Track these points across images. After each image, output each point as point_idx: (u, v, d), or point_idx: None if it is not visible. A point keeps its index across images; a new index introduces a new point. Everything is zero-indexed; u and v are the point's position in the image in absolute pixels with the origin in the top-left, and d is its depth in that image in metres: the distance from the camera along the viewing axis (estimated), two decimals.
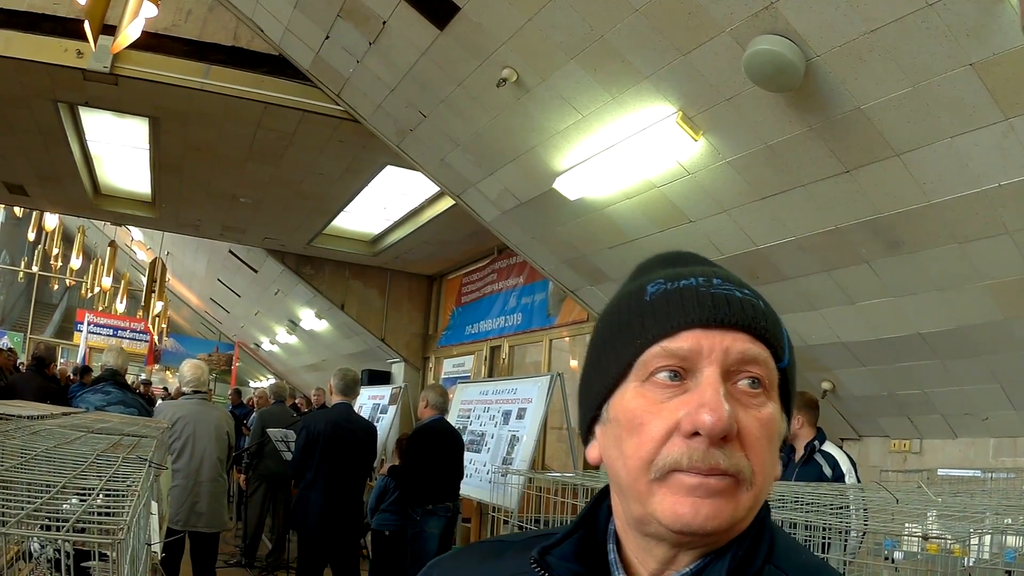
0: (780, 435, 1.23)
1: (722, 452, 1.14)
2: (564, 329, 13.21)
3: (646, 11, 5.82)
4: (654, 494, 1.17)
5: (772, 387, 1.21)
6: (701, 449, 1.14)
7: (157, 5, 5.96)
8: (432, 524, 9.08)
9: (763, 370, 1.20)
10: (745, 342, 1.19)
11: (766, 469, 1.18)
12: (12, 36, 8.92)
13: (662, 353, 1.20)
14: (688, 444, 1.15)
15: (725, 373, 1.18)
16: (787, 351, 1.24)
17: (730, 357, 1.18)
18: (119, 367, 8.21)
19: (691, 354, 1.19)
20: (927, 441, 7.94)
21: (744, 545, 1.20)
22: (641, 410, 1.20)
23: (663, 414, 1.18)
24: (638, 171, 7.46)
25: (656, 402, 1.19)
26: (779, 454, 1.26)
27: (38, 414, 4.17)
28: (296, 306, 21.38)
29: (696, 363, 1.19)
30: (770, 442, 1.19)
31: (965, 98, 4.99)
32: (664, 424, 1.17)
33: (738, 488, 1.15)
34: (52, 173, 13.62)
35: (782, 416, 1.24)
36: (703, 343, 1.18)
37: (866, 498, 4.61)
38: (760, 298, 1.25)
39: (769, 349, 1.21)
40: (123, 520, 1.82)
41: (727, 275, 1.27)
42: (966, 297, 6.35)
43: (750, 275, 7.47)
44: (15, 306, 45.18)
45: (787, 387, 1.25)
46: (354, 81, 8.82)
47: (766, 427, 1.18)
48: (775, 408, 1.21)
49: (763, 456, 1.17)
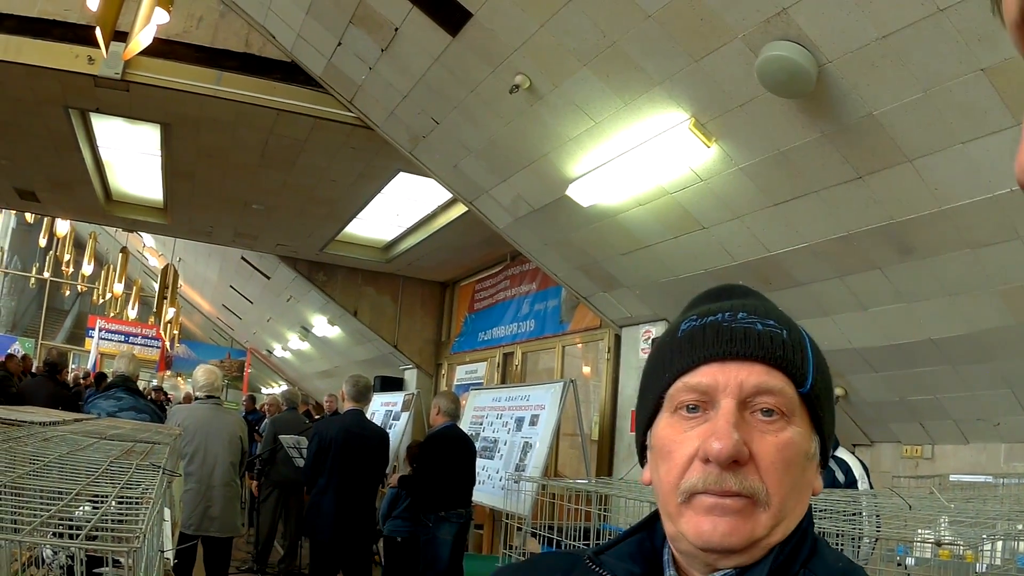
0: (806, 455, 1.31)
1: (735, 476, 1.24)
2: (577, 336, 13.18)
3: (658, 17, 5.82)
4: (682, 515, 1.29)
5: (792, 412, 1.29)
6: (715, 473, 1.25)
7: (169, 11, 5.98)
8: (444, 531, 9.08)
9: (779, 399, 1.28)
10: (760, 374, 1.28)
11: (784, 489, 1.26)
12: (23, 42, 8.94)
13: (684, 387, 1.32)
14: (704, 469, 1.26)
15: (742, 403, 1.28)
16: (811, 375, 1.31)
17: (745, 389, 1.28)
18: (131, 373, 8.23)
19: (710, 388, 1.30)
20: (939, 447, 7.92)
21: (785, 551, 1.28)
22: (669, 439, 1.33)
23: (686, 443, 1.29)
24: (651, 177, 7.45)
25: (681, 431, 1.31)
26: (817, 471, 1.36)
27: (50, 420, 4.17)
28: (308, 312, 21.38)
29: (715, 395, 1.29)
30: (789, 464, 1.27)
31: (977, 103, 4.98)
32: (687, 452, 1.29)
33: (755, 508, 1.25)
34: (63, 179, 13.64)
35: (812, 436, 1.32)
36: (719, 378, 1.29)
37: (878, 504, 4.60)
38: (786, 327, 1.34)
39: (789, 376, 1.29)
40: (138, 528, 1.82)
41: (756, 307, 1.37)
42: (978, 302, 6.33)
43: (763, 282, 7.47)
44: (26, 312, 45.29)
45: (815, 409, 1.32)
46: (366, 88, 8.84)
47: (783, 451, 1.26)
48: (797, 431, 1.29)
49: (779, 477, 1.26)
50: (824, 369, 1.37)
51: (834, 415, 1.40)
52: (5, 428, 3.47)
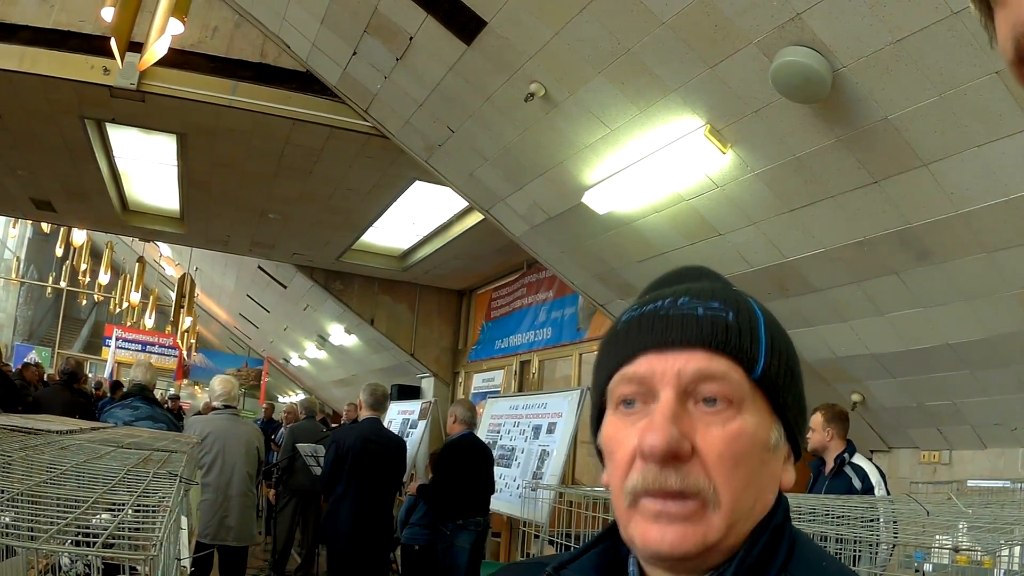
0: (763, 445, 1.21)
1: (676, 473, 1.16)
2: (594, 343, 13.15)
3: (673, 24, 5.82)
4: (631, 519, 1.20)
5: (742, 400, 1.20)
6: (654, 471, 1.16)
7: (183, 22, 5.99)
8: (462, 539, 9.09)
9: (725, 385, 1.19)
10: (701, 360, 1.19)
11: (735, 485, 1.17)
12: (39, 53, 8.99)
13: (621, 379, 1.25)
14: (644, 467, 1.18)
15: (683, 393, 1.19)
16: (762, 358, 1.22)
17: (684, 378, 1.19)
18: (147, 382, 8.24)
19: (646, 378, 1.21)
20: (956, 452, 7.89)
21: (753, 553, 1.19)
22: (611, 438, 1.25)
23: (628, 440, 1.21)
24: (667, 184, 7.45)
25: (623, 428, 1.23)
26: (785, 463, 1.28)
27: (67, 429, 4.19)
28: (325, 321, 21.41)
29: (654, 387, 1.21)
30: (740, 458, 1.18)
31: (992, 106, 4.97)
32: (628, 450, 1.21)
33: (704, 510, 1.16)
34: (80, 189, 13.71)
35: (773, 424, 1.23)
36: (655, 366, 1.21)
37: (896, 510, 4.59)
38: (732, 309, 1.24)
39: (736, 361, 1.20)
40: (155, 536, 1.83)
41: (701, 290, 1.28)
42: (995, 306, 6.31)
43: (779, 288, 7.46)
44: (43, 321, 45.44)
45: (774, 395, 1.23)
46: (382, 97, 8.86)
47: (731, 443, 1.17)
48: (750, 420, 1.20)
49: (729, 472, 1.16)
50: (784, 350, 1.26)
51: (801, 399, 1.30)
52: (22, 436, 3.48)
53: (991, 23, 0.84)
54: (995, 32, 0.83)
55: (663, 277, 1.41)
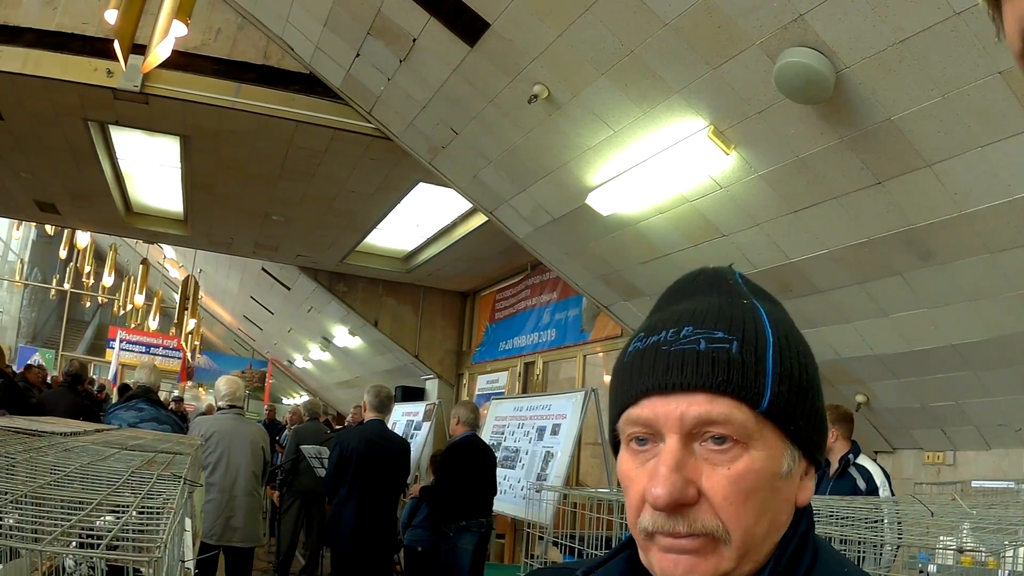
0: (774, 476, 1.21)
1: (684, 519, 1.17)
2: (598, 345, 13.18)
3: (675, 25, 5.82)
4: (648, 549, 1.24)
5: (749, 436, 1.19)
6: (663, 517, 1.18)
7: (187, 24, 5.99)
8: (465, 540, 9.09)
9: (729, 427, 1.18)
10: (702, 404, 1.19)
11: (745, 522, 1.17)
12: (42, 56, 9.00)
13: (628, 421, 1.26)
14: (654, 512, 1.19)
15: (688, 436, 1.20)
16: (768, 390, 1.20)
17: (686, 423, 1.19)
18: (152, 384, 8.26)
19: (651, 422, 1.22)
20: (960, 453, 7.88)
21: (783, 561, 1.21)
22: (625, 475, 1.27)
23: (638, 480, 1.23)
24: (670, 186, 7.45)
25: (634, 467, 1.25)
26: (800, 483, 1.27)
27: (71, 431, 4.19)
28: (329, 323, 21.43)
29: (659, 429, 1.21)
30: (748, 495, 1.18)
31: (995, 106, 4.96)
32: (639, 490, 1.23)
33: (715, 545, 1.18)
34: (83, 191, 13.72)
35: (784, 452, 1.23)
36: (659, 411, 1.21)
37: (900, 511, 4.58)
38: (737, 337, 1.23)
39: (740, 400, 1.19)
40: (159, 537, 1.83)
41: (706, 314, 1.27)
42: (998, 307, 6.30)
43: (783, 289, 7.45)
44: (47, 323, 45.44)
45: (784, 423, 1.22)
46: (385, 99, 8.86)
47: (738, 483, 1.17)
48: (758, 455, 1.19)
49: (737, 512, 1.17)
50: (795, 372, 1.24)
51: (817, 412, 1.28)
52: (27, 438, 3.49)
53: (999, 15, 0.84)
54: (1002, 25, 0.83)
55: (674, 289, 1.40)
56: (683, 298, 1.34)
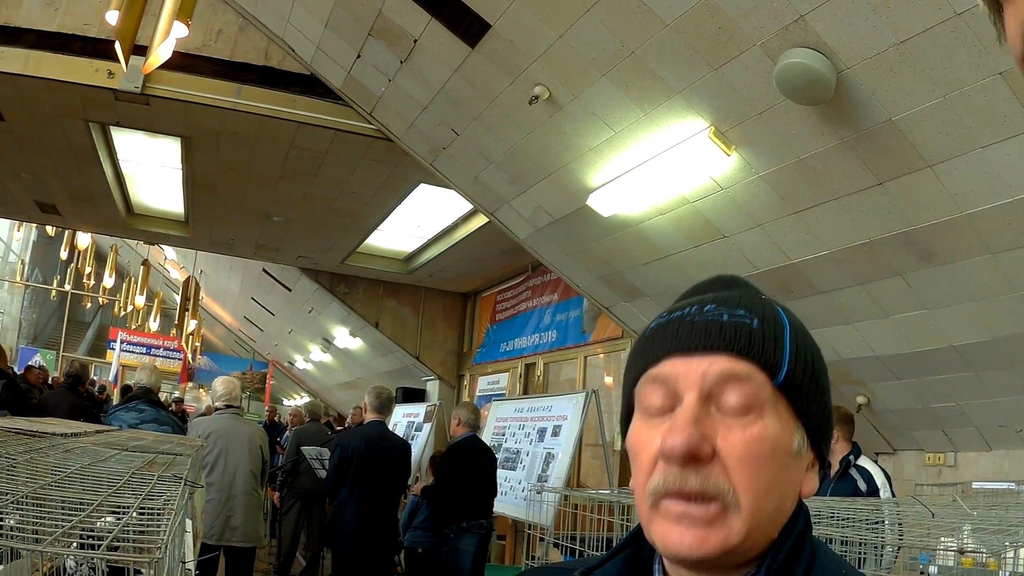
0: (786, 451, 1.22)
1: (696, 474, 1.17)
2: (599, 346, 13.19)
3: (676, 26, 5.83)
4: (652, 521, 1.22)
5: (764, 404, 1.20)
6: (675, 472, 1.17)
7: (188, 25, 5.99)
8: (466, 541, 9.07)
9: (749, 388, 1.20)
10: (725, 363, 1.20)
11: (757, 488, 1.17)
12: (44, 57, 9.00)
13: (647, 380, 1.27)
14: (666, 468, 1.19)
15: (707, 396, 1.20)
16: (786, 365, 1.23)
17: (708, 379, 1.20)
18: (152, 385, 8.26)
19: (670, 379, 1.23)
20: (961, 454, 7.88)
21: (779, 559, 1.20)
22: (637, 441, 1.26)
23: (652, 443, 1.22)
24: (671, 187, 7.45)
25: (647, 431, 1.24)
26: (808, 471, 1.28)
27: (72, 432, 4.19)
28: (330, 324, 21.44)
29: (678, 389, 1.22)
30: (760, 461, 1.18)
31: (995, 107, 4.96)
32: (651, 452, 1.22)
33: (725, 514, 1.17)
34: (84, 192, 13.72)
35: (795, 430, 1.24)
36: (680, 369, 1.22)
37: (901, 512, 4.58)
38: (757, 316, 1.25)
39: (760, 366, 1.21)
40: (160, 538, 1.83)
41: (728, 298, 1.29)
42: (999, 308, 6.31)
43: (784, 290, 7.46)
44: (47, 324, 45.38)
45: (797, 401, 1.24)
46: (386, 100, 8.86)
47: (752, 446, 1.18)
48: (773, 424, 1.20)
49: (750, 475, 1.17)
50: (810, 360, 1.27)
51: (826, 408, 1.30)
52: (28, 439, 3.48)
53: (1000, 19, 0.84)
54: (1003, 28, 0.83)
55: (694, 287, 1.43)
56: (703, 292, 1.36)
